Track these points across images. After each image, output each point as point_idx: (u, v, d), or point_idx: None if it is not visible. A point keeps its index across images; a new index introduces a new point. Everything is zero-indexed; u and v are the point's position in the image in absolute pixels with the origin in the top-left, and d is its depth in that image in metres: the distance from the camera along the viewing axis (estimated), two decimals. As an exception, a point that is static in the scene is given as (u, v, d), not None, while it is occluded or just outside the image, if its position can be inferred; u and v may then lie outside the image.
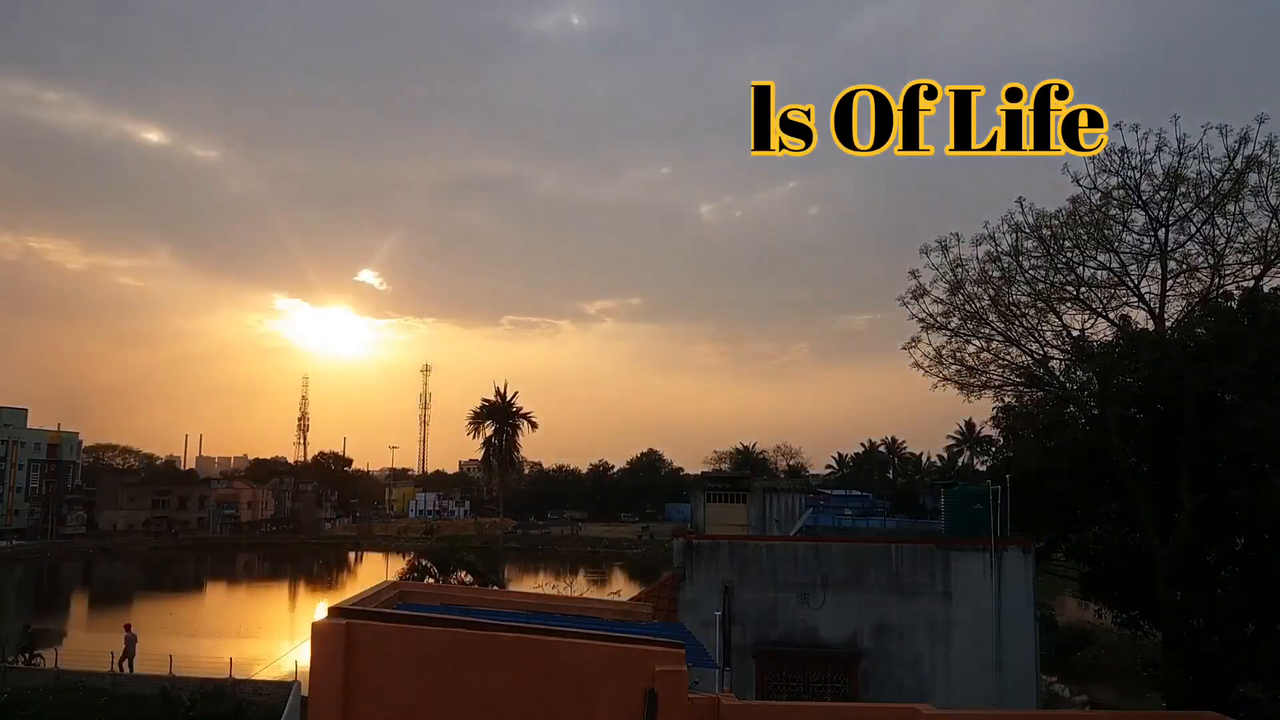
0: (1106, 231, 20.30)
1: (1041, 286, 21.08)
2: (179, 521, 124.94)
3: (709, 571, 18.19)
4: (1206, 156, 18.88)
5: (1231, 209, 19.20)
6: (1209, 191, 19.17)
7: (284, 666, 30.15)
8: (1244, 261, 19.96)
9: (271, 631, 53.04)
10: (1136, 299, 20.78)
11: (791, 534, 23.39)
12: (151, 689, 31.64)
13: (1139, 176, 19.59)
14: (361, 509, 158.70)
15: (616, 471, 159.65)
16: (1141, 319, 21.25)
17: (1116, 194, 19.94)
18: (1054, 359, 22.03)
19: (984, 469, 49.50)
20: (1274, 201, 18.71)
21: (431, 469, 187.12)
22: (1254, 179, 18.72)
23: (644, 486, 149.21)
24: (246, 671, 33.21)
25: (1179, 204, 19.66)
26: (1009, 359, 22.28)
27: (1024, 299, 21.34)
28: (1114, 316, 21.36)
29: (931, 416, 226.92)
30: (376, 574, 75.98)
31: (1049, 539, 23.12)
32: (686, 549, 18.43)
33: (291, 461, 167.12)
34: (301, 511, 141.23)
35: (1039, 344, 21.68)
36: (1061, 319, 21.34)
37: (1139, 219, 20.20)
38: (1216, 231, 19.70)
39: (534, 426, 78.47)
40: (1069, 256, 20.69)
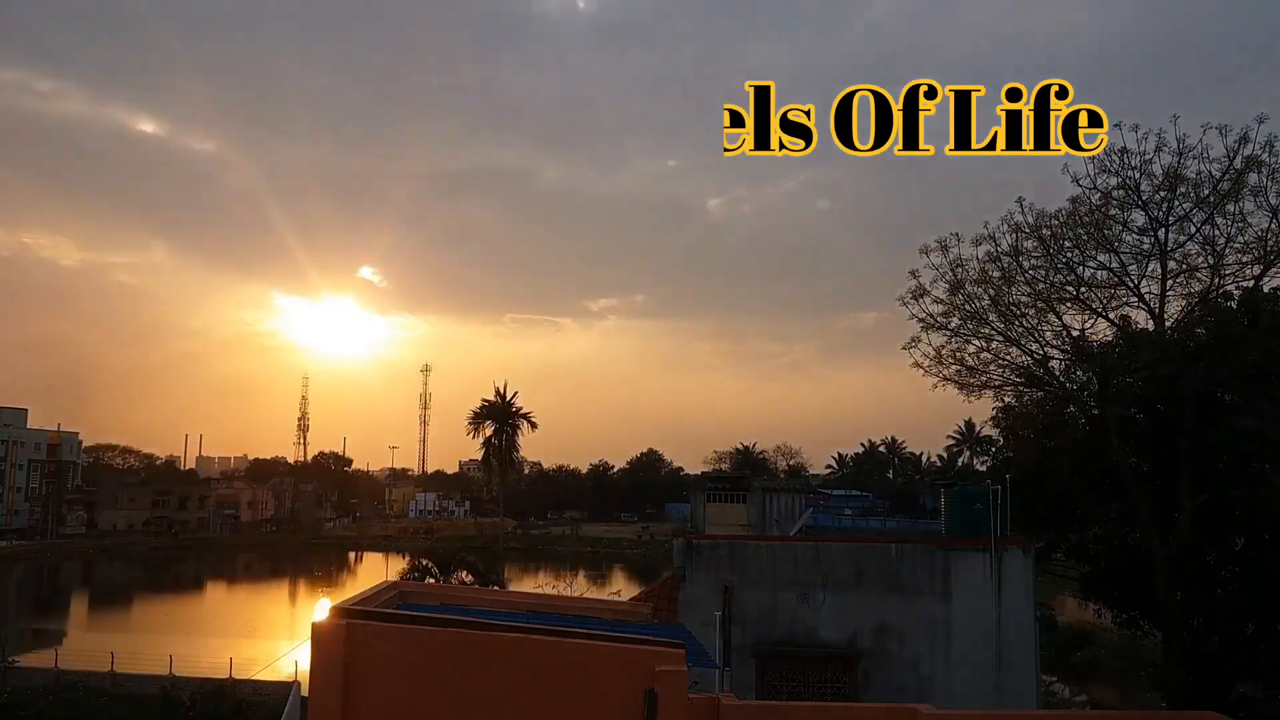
0: (1106, 231, 20.29)
1: (1041, 286, 21.08)
2: (179, 521, 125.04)
3: (709, 571, 18.16)
4: (1206, 156, 18.91)
5: (1231, 209, 19.20)
6: (1209, 191, 19.16)
7: (284, 667, 30.14)
8: (1244, 261, 19.95)
9: (271, 632, 53.02)
10: (1136, 299, 20.77)
11: (791, 534, 23.39)
12: (151, 689, 31.67)
13: (1139, 176, 19.59)
14: (361, 509, 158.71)
15: (616, 471, 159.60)
16: (1141, 319, 21.29)
17: (1116, 194, 19.93)
18: (1054, 359, 22.05)
19: (984, 469, 49.58)
20: (1274, 201, 18.70)
21: (431, 469, 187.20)
22: (1254, 179, 18.72)
23: (644, 486, 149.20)
24: (246, 671, 33.22)
25: (1179, 204, 19.66)
26: (1009, 359, 22.29)
27: (1024, 299, 21.34)
28: (1114, 316, 21.36)
29: (931, 416, 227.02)
30: (376, 574, 76.07)
31: (1049, 539, 23.11)
32: (686, 549, 18.41)
33: (291, 461, 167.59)
34: (301, 511, 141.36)
35: (1039, 344, 21.69)
36: (1061, 319, 21.34)
37: (1139, 219, 20.21)
38: (1216, 231, 19.70)
39: (534, 426, 78.58)
40: (1069, 256, 20.69)
